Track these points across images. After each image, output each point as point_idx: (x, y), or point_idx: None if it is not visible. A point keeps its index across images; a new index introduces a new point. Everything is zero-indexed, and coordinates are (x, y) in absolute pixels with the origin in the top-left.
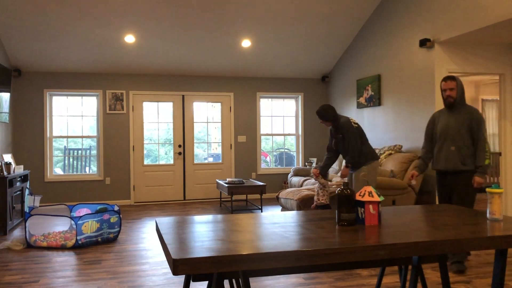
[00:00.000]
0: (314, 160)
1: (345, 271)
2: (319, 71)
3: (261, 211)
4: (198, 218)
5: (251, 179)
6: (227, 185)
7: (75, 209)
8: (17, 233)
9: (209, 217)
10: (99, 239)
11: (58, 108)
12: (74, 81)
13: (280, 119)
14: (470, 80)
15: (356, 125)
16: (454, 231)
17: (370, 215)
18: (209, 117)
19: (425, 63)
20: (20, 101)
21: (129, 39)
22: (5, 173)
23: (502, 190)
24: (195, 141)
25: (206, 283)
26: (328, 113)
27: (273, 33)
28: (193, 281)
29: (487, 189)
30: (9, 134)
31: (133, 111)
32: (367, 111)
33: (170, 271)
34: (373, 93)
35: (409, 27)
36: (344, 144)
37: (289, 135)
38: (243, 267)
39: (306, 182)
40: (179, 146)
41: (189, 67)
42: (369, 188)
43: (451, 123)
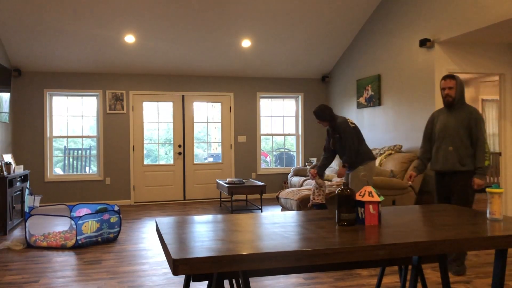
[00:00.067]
0: (314, 160)
1: (345, 271)
2: (319, 71)
3: (261, 211)
4: (198, 218)
5: (251, 179)
6: (227, 185)
7: (75, 209)
8: (17, 233)
9: (209, 217)
10: (99, 239)
11: (58, 108)
12: (74, 81)
13: (280, 119)
14: (470, 80)
15: (353, 125)
16: (454, 231)
17: (370, 215)
18: (209, 117)
19: (425, 63)
20: (20, 101)
21: (129, 39)
22: (5, 173)
23: (502, 190)
24: (195, 141)
25: (206, 283)
26: (325, 113)
27: (273, 33)
28: (193, 281)
29: (487, 189)
30: (9, 134)
31: (133, 111)
32: (367, 111)
33: (170, 271)
34: (373, 93)
35: (409, 27)
36: (341, 144)
37: (289, 135)
38: (243, 267)
39: (306, 182)
40: (179, 146)
41: (189, 67)
42: (369, 188)
43: (449, 123)
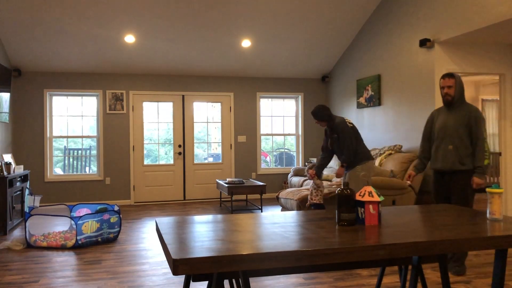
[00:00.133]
0: (314, 160)
1: (345, 271)
2: (319, 71)
3: (261, 211)
4: (198, 218)
5: (251, 179)
6: (227, 185)
7: (75, 209)
8: (17, 233)
9: (209, 217)
10: (99, 239)
11: (58, 108)
12: (74, 81)
13: (280, 119)
14: (470, 80)
15: (351, 125)
16: (454, 231)
17: (370, 215)
18: (209, 117)
19: (425, 63)
20: (20, 101)
21: (129, 39)
22: (5, 173)
23: (502, 190)
24: (195, 141)
25: (206, 283)
26: (323, 114)
27: (273, 33)
28: (193, 281)
29: (487, 189)
30: (9, 134)
31: (133, 111)
32: (367, 111)
33: (170, 271)
34: (373, 93)
35: (409, 27)
36: (339, 144)
37: (289, 135)
38: (243, 267)
39: (306, 182)
40: (179, 146)
41: (189, 67)
42: (369, 188)
43: (449, 122)
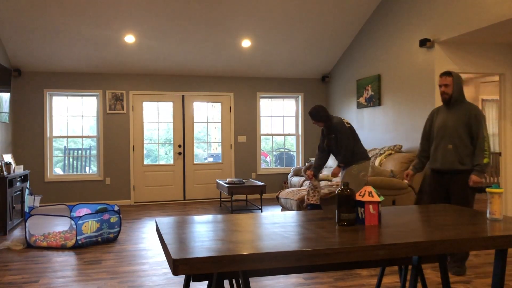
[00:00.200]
0: (313, 160)
1: (345, 271)
2: (319, 71)
3: (261, 211)
4: (198, 218)
5: (251, 179)
6: (227, 185)
7: (75, 209)
8: (17, 233)
9: (209, 217)
10: (99, 239)
11: (58, 108)
12: (74, 81)
13: (280, 119)
14: (470, 80)
15: (348, 125)
16: (454, 231)
17: (370, 215)
18: (209, 117)
19: (425, 63)
20: (20, 101)
21: (129, 39)
22: (5, 173)
23: (502, 190)
24: (195, 141)
25: (206, 283)
26: (320, 114)
27: (273, 33)
28: (193, 281)
29: (487, 189)
30: (9, 134)
31: (133, 111)
32: (367, 111)
33: (170, 271)
34: (373, 93)
35: (409, 27)
36: (336, 144)
37: (289, 135)
38: (243, 267)
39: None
40: (179, 146)
41: (189, 67)
42: (369, 188)
43: (448, 121)
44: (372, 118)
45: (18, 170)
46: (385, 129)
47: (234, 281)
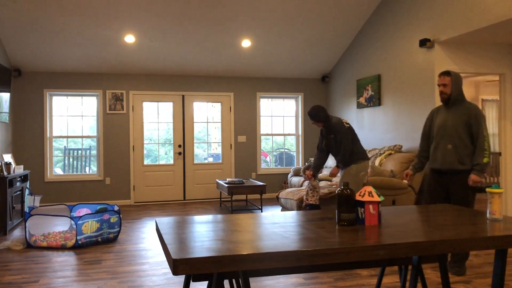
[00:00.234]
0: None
1: (345, 271)
2: (319, 71)
3: (261, 211)
4: (198, 218)
5: (251, 179)
6: (227, 185)
7: (75, 209)
8: (17, 233)
9: (209, 217)
10: (99, 239)
11: (58, 108)
12: (74, 81)
13: (280, 119)
14: (470, 80)
15: (347, 125)
16: (454, 231)
17: (370, 215)
18: (209, 117)
19: (425, 63)
20: (20, 101)
21: (129, 39)
22: (5, 173)
23: (502, 190)
24: (195, 141)
25: (206, 283)
26: (319, 114)
27: (273, 33)
28: (193, 281)
29: (487, 189)
30: (9, 134)
31: (133, 111)
32: (367, 111)
33: (170, 271)
34: (373, 93)
35: (409, 27)
36: (335, 144)
37: (289, 135)
38: (243, 267)
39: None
40: (179, 146)
41: (189, 67)
42: (369, 188)
43: (448, 120)
44: (372, 118)
45: (18, 170)
46: (385, 129)
47: (234, 281)
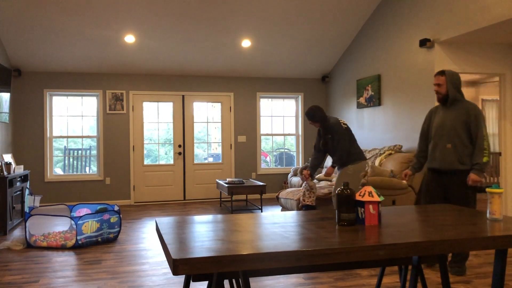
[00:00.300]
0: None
1: (345, 271)
2: (319, 71)
3: (261, 211)
4: (198, 218)
5: (251, 179)
6: (227, 185)
7: (75, 209)
8: (17, 233)
9: (209, 217)
10: (99, 239)
11: (58, 108)
12: (74, 81)
13: (280, 119)
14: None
15: (345, 125)
16: (454, 231)
17: (370, 215)
18: (209, 117)
19: (425, 63)
20: (20, 101)
21: (129, 39)
22: (5, 173)
23: (502, 190)
24: (195, 141)
25: (206, 283)
26: (317, 114)
27: (273, 33)
28: (193, 281)
29: (487, 189)
30: (9, 134)
31: (133, 111)
32: (367, 111)
33: (170, 271)
34: (373, 93)
35: (409, 27)
36: (333, 144)
37: (289, 135)
38: (243, 267)
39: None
40: (179, 146)
41: (189, 67)
42: (369, 188)
43: (447, 120)
44: (372, 118)
45: (18, 170)
46: (385, 129)
47: (234, 281)
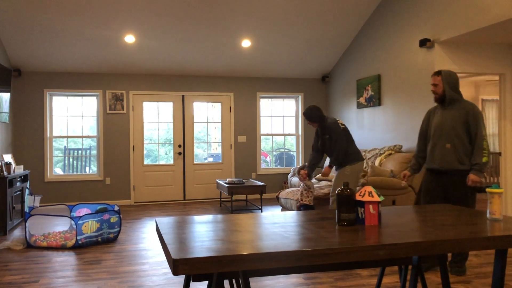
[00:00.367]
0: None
1: (345, 271)
2: (319, 71)
3: (261, 211)
4: (198, 218)
5: (251, 179)
6: (227, 185)
7: (75, 209)
8: (17, 233)
9: (209, 217)
10: (99, 239)
11: (58, 108)
12: (74, 81)
13: (280, 119)
14: (470, 80)
15: (343, 126)
16: (454, 231)
17: (370, 215)
18: (209, 117)
19: (425, 63)
20: (20, 101)
21: (129, 39)
22: (5, 173)
23: (502, 190)
24: (195, 141)
25: (206, 283)
26: (315, 114)
27: (273, 33)
28: (193, 281)
29: (487, 189)
30: (9, 134)
31: (133, 111)
32: (367, 111)
33: (170, 271)
34: (373, 93)
35: (409, 27)
36: (330, 144)
37: (289, 135)
38: (243, 267)
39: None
40: (179, 146)
41: (189, 67)
42: (369, 188)
43: (445, 120)
44: (372, 118)
45: (18, 170)
46: (385, 129)
47: (234, 281)
